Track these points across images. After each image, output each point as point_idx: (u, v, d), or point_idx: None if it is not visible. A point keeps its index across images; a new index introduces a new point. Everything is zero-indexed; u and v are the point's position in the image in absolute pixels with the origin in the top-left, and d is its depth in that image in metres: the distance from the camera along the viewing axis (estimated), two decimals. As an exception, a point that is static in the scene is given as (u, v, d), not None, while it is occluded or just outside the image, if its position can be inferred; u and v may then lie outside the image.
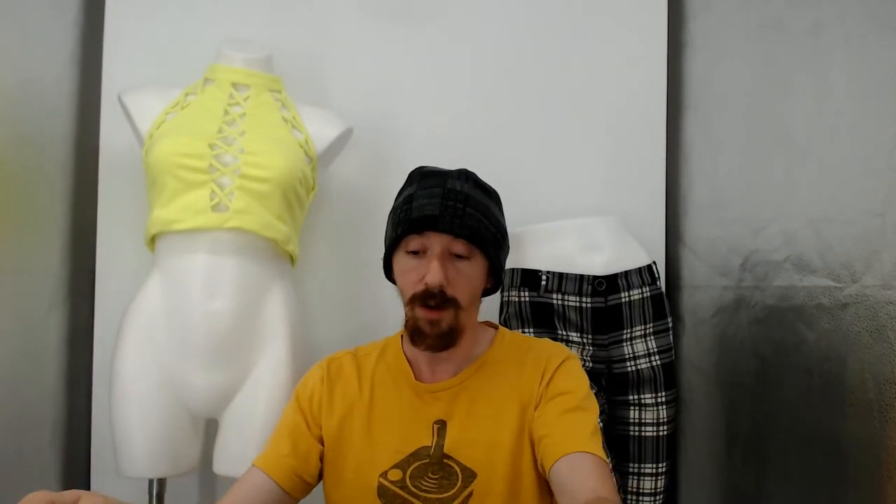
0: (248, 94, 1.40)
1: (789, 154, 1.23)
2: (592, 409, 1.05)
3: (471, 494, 1.04)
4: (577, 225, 1.56)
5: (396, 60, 1.69)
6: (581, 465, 0.94)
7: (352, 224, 1.65)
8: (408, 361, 1.13)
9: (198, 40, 1.56)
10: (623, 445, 1.51)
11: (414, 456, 1.07)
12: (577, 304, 1.53)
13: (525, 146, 1.70)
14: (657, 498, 1.50)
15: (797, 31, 1.22)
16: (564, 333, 1.53)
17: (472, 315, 1.10)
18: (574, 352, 1.49)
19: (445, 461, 1.06)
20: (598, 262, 1.53)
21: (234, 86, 1.40)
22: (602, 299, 1.53)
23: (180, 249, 1.29)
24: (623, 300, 1.53)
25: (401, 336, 1.15)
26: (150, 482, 1.36)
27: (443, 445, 1.06)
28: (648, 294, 1.54)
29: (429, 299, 1.02)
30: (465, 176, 1.09)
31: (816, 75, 1.16)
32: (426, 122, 1.68)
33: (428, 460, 1.06)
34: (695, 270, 1.59)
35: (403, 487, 1.05)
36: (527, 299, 1.53)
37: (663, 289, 1.60)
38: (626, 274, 1.54)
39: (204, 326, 1.27)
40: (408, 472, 1.06)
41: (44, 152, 1.43)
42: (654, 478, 1.49)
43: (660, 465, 1.50)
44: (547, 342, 1.16)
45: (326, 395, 1.12)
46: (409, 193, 1.07)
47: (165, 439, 1.29)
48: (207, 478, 1.55)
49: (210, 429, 1.38)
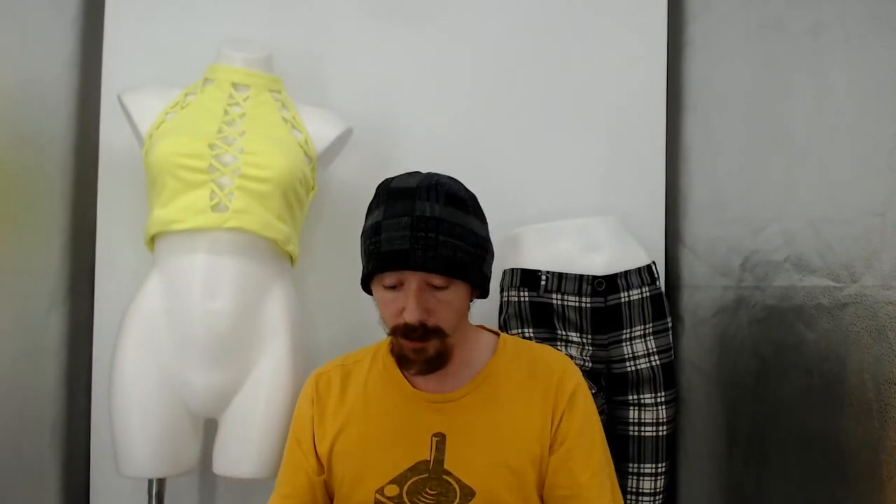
0: (248, 94, 1.40)
1: (789, 154, 1.23)
2: (607, 451, 1.09)
3: None
4: (577, 225, 1.56)
5: (396, 60, 1.69)
6: None
7: (352, 224, 1.63)
8: (402, 373, 1.10)
9: (198, 40, 1.56)
10: (622, 445, 1.50)
11: (412, 471, 1.04)
12: (577, 304, 1.53)
13: (525, 146, 1.70)
14: (657, 498, 1.50)
15: (797, 31, 1.22)
16: (564, 333, 1.53)
17: (460, 330, 1.06)
18: (574, 352, 1.50)
19: (444, 477, 1.03)
20: (598, 262, 1.53)
21: (234, 86, 1.40)
22: (602, 299, 1.53)
23: (180, 249, 1.29)
24: (623, 300, 1.53)
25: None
26: (150, 482, 1.36)
27: (442, 460, 1.04)
28: (648, 294, 1.54)
29: (411, 332, 0.99)
30: (436, 192, 0.99)
31: (816, 75, 1.16)
32: (426, 122, 1.68)
33: (427, 475, 1.04)
34: (695, 270, 1.59)
35: (400, 503, 1.04)
36: (526, 299, 1.53)
37: (663, 289, 1.60)
38: (626, 274, 1.54)
39: (204, 326, 1.27)
40: (405, 488, 1.04)
41: (44, 152, 1.43)
42: (653, 478, 1.49)
43: (659, 465, 1.50)
44: (552, 355, 1.14)
45: (318, 416, 1.11)
46: (377, 221, 1.01)
47: (165, 439, 1.29)
48: (207, 478, 1.55)
49: (210, 429, 1.38)
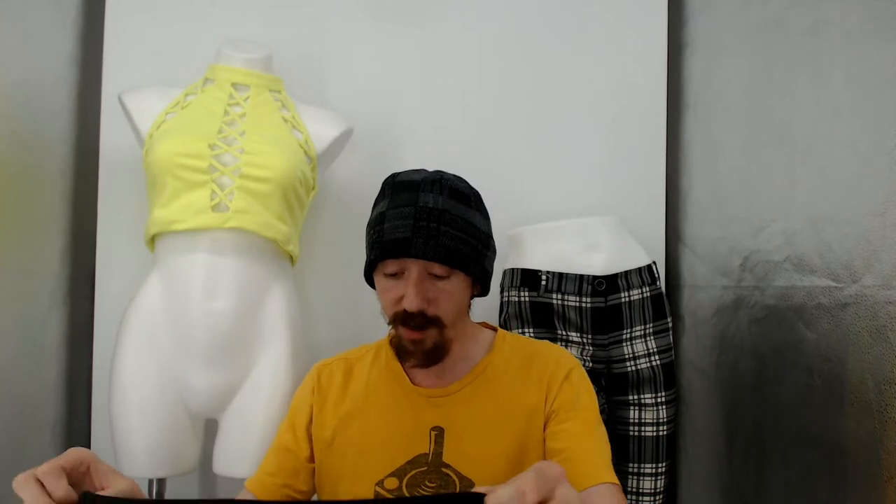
0: (248, 94, 1.40)
1: (789, 154, 1.23)
2: (601, 427, 1.06)
3: None
4: (577, 225, 1.56)
5: (396, 60, 1.69)
6: (602, 500, 0.95)
7: (352, 224, 1.64)
8: (402, 365, 1.11)
9: (198, 40, 1.57)
10: (623, 445, 1.51)
11: (411, 464, 1.05)
12: (577, 304, 1.53)
13: (525, 146, 1.70)
14: (657, 498, 1.50)
15: (797, 31, 1.22)
16: (564, 333, 1.53)
17: (459, 325, 1.07)
18: (574, 352, 1.50)
19: (443, 469, 1.04)
20: (598, 262, 1.53)
21: (234, 86, 1.40)
22: (602, 299, 1.53)
23: (180, 249, 1.29)
24: (623, 300, 1.53)
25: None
26: (150, 482, 1.36)
27: (441, 453, 1.05)
28: (648, 294, 1.54)
29: (410, 321, 0.99)
30: (440, 185, 1.01)
31: (816, 75, 1.16)
32: (426, 121, 1.68)
33: (425, 468, 1.05)
34: (695, 270, 1.59)
35: (400, 496, 1.04)
36: (527, 299, 1.53)
37: (663, 289, 1.60)
38: (626, 274, 1.54)
39: (204, 326, 1.27)
40: (404, 481, 1.05)
41: (44, 152, 1.43)
42: (653, 478, 1.49)
43: (659, 465, 1.50)
44: (549, 347, 1.15)
45: (318, 406, 1.11)
46: (382, 211, 1.02)
47: (165, 440, 1.29)
48: (207, 478, 1.55)
49: (210, 429, 1.38)
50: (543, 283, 1.53)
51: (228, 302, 1.27)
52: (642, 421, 1.50)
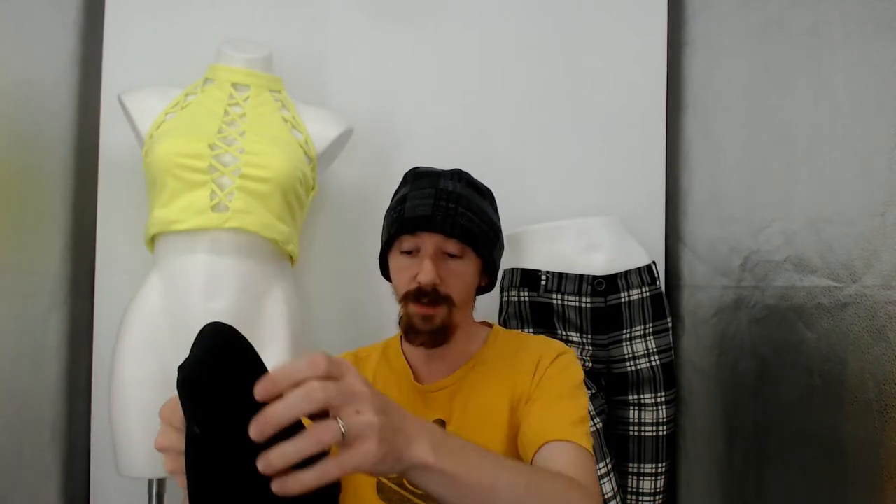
0: (248, 94, 1.40)
1: (789, 154, 1.23)
2: (580, 397, 1.02)
3: None
4: (577, 225, 1.56)
5: (396, 60, 1.69)
6: (558, 455, 0.90)
7: (352, 224, 1.65)
8: (407, 362, 1.13)
9: (198, 40, 1.57)
10: (623, 445, 1.51)
11: None
12: (577, 304, 1.53)
13: (525, 146, 1.70)
14: (657, 498, 1.50)
15: (797, 31, 1.22)
16: (564, 333, 1.53)
17: (465, 313, 1.10)
18: (574, 352, 1.50)
19: None
20: (598, 262, 1.53)
21: (234, 86, 1.40)
22: (602, 299, 1.53)
23: (180, 249, 1.29)
24: (623, 300, 1.53)
25: (400, 337, 1.15)
26: (150, 482, 1.36)
27: None
28: (648, 294, 1.54)
29: (422, 297, 1.02)
30: (459, 176, 1.09)
31: (816, 75, 1.16)
32: (426, 121, 1.68)
33: None
34: (695, 270, 1.59)
35: (401, 485, 1.05)
36: (526, 299, 1.53)
37: (663, 289, 1.60)
38: (626, 274, 1.54)
39: (204, 326, 1.27)
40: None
41: (44, 152, 1.43)
42: (653, 478, 1.49)
43: (659, 464, 1.50)
44: (541, 338, 1.15)
45: None
46: (403, 194, 1.08)
47: (165, 439, 1.29)
48: (207, 478, 1.54)
49: (210, 429, 1.38)
50: (543, 283, 1.53)
51: (228, 302, 1.27)
52: (642, 421, 1.50)
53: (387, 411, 0.63)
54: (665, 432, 1.51)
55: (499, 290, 1.59)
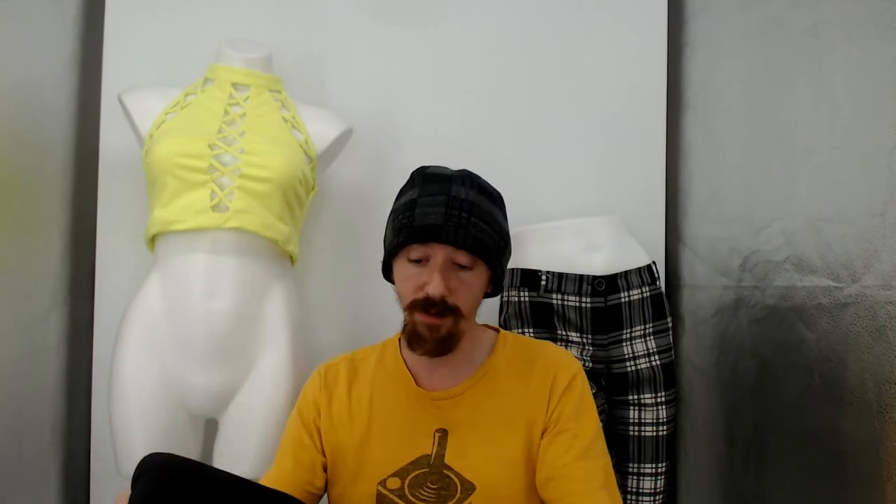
0: (248, 94, 1.40)
1: (789, 154, 1.23)
2: (602, 442, 1.07)
3: None
4: (577, 225, 1.56)
5: (396, 60, 1.69)
6: None
7: (352, 224, 1.65)
8: (407, 367, 1.11)
9: (198, 40, 1.56)
10: (623, 445, 1.51)
11: (414, 464, 1.05)
12: (577, 304, 1.53)
13: (525, 146, 1.70)
14: (657, 498, 1.50)
15: (797, 31, 1.22)
16: (564, 333, 1.53)
17: (471, 321, 1.08)
18: (574, 352, 1.50)
19: (445, 471, 1.04)
20: (598, 262, 1.53)
21: (234, 86, 1.40)
22: (602, 299, 1.53)
23: (180, 249, 1.29)
24: (623, 300, 1.53)
25: (399, 339, 1.13)
26: (150, 482, 1.36)
27: (443, 455, 1.05)
28: (648, 294, 1.54)
29: (430, 307, 1.00)
30: (470, 181, 1.05)
31: (816, 75, 1.16)
32: (426, 121, 1.68)
33: (427, 469, 1.05)
34: (695, 270, 1.59)
35: (402, 496, 1.05)
36: (526, 299, 1.53)
37: (663, 289, 1.60)
38: (626, 274, 1.54)
39: (204, 326, 1.27)
40: (406, 481, 1.05)
41: (44, 153, 1.43)
42: (653, 478, 1.49)
43: (659, 465, 1.50)
44: (551, 349, 1.15)
45: (325, 404, 1.12)
46: (412, 198, 1.04)
47: (165, 440, 1.29)
48: (207, 478, 1.54)
49: (210, 429, 1.38)
50: (543, 283, 1.53)
51: (228, 302, 1.27)
52: (642, 421, 1.50)
53: None
54: (665, 432, 1.51)
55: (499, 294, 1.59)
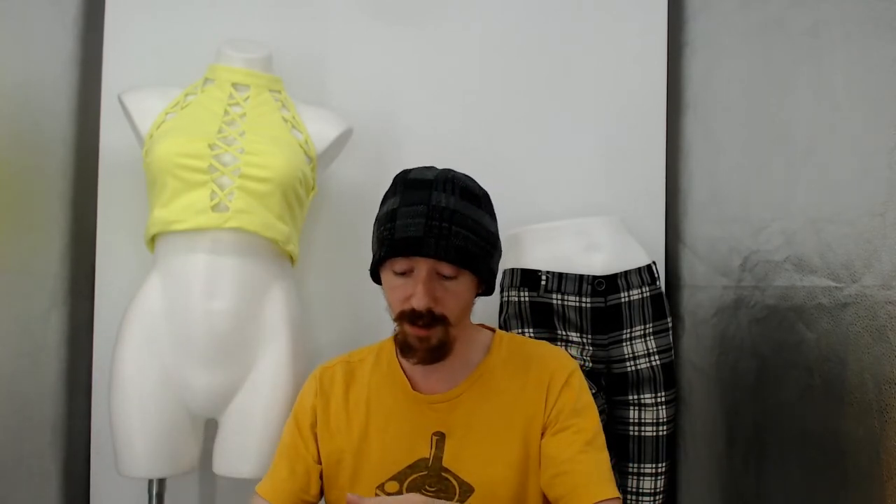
0: (248, 94, 1.40)
1: (789, 154, 1.23)
2: (602, 438, 1.07)
3: None
4: (577, 225, 1.56)
5: (396, 60, 1.69)
6: None
7: (352, 224, 1.65)
8: (402, 370, 1.11)
9: (198, 40, 1.56)
10: (623, 445, 1.51)
11: (412, 468, 1.05)
12: (577, 304, 1.53)
13: (525, 146, 1.70)
14: (657, 498, 1.50)
15: (797, 31, 1.22)
16: (564, 333, 1.53)
17: (463, 325, 1.07)
18: (574, 352, 1.50)
19: (443, 474, 1.04)
20: (598, 262, 1.53)
21: (234, 86, 1.40)
22: (602, 299, 1.53)
23: (180, 249, 1.29)
24: (623, 300, 1.53)
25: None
26: (150, 482, 1.36)
27: (441, 458, 1.05)
28: (648, 294, 1.54)
29: (417, 319, 0.99)
30: (452, 184, 1.02)
31: (816, 75, 1.16)
32: (426, 121, 1.68)
33: (426, 472, 1.05)
34: (695, 270, 1.59)
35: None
36: (526, 299, 1.53)
37: (663, 289, 1.60)
38: (626, 274, 1.54)
39: (204, 326, 1.27)
40: (405, 485, 1.05)
41: (44, 153, 1.43)
42: (653, 478, 1.49)
43: (659, 464, 1.50)
44: (547, 348, 1.15)
45: (322, 408, 1.11)
46: (393, 208, 1.02)
47: (165, 439, 1.29)
48: (207, 478, 1.55)
49: (210, 429, 1.38)
50: (543, 283, 1.53)
51: (228, 302, 1.28)
52: (642, 421, 1.50)
53: None
54: (665, 432, 1.51)
55: (499, 290, 1.59)
